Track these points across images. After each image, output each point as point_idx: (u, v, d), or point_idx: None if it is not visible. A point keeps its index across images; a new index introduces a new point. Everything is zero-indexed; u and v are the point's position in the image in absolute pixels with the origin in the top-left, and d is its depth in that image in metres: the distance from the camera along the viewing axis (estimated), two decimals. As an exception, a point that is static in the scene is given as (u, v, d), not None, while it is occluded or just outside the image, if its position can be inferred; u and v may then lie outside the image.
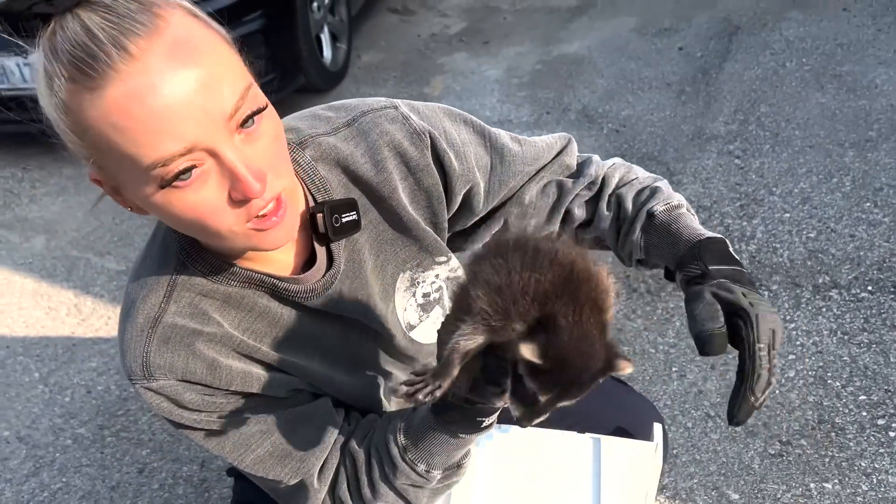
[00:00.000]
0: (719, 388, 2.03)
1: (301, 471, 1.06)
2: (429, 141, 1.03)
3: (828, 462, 1.80)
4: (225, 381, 0.99)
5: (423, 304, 1.14)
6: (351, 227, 1.01)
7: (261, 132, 0.83)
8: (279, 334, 1.04)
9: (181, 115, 0.76)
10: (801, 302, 2.27)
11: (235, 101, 0.79)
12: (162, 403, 0.98)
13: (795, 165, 2.89)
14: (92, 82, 0.74)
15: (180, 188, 0.80)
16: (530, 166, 1.12)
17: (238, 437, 1.04)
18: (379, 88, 4.00)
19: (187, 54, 0.77)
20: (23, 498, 2.07)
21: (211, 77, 0.78)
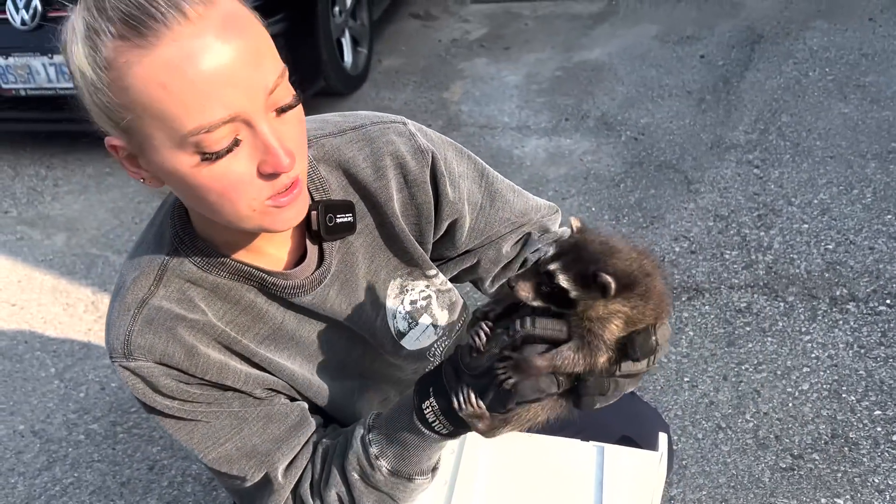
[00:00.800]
0: (731, 400, 2.01)
1: (265, 465, 1.05)
2: (430, 160, 1.05)
3: (840, 477, 1.77)
4: (201, 369, 0.99)
5: (411, 312, 1.15)
6: (345, 229, 1.02)
7: (290, 115, 0.86)
8: (262, 330, 1.04)
9: (230, 82, 0.78)
10: (817, 314, 2.24)
11: (275, 78, 0.82)
12: (137, 384, 0.98)
13: (816, 176, 2.85)
14: (143, 40, 0.76)
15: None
16: (517, 218, 1.17)
17: (207, 429, 1.03)
18: (399, 93, 4.02)
19: (239, 26, 0.79)
20: (35, 492, 2.10)
21: (258, 51, 0.81)
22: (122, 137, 0.84)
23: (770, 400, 1.99)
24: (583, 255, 0.80)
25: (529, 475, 1.19)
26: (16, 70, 3.41)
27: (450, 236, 1.14)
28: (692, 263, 2.53)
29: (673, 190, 2.92)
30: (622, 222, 2.79)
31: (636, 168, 3.09)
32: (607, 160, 3.18)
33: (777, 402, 1.98)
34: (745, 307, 2.31)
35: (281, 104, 0.84)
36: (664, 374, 2.12)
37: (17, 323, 2.75)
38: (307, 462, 1.09)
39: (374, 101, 3.96)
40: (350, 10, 4.00)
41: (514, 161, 3.29)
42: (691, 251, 2.58)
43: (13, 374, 2.52)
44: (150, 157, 0.84)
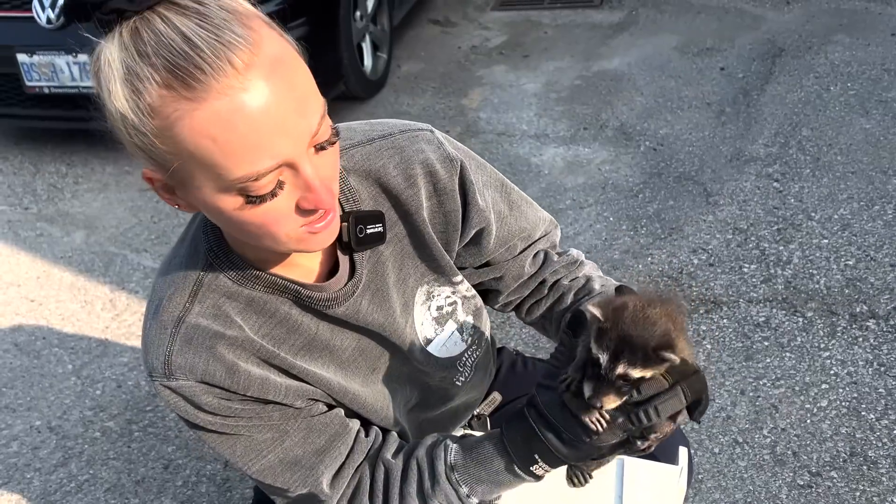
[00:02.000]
0: (748, 415, 1.99)
1: (309, 480, 1.06)
2: (458, 168, 1.06)
3: (859, 496, 1.75)
4: (243, 385, 0.99)
5: (438, 318, 1.16)
6: (376, 239, 1.02)
7: (329, 149, 0.86)
8: (297, 341, 1.05)
9: (279, 131, 0.78)
10: (836, 330, 2.22)
11: (318, 119, 0.82)
12: (179, 403, 0.99)
13: (836, 191, 2.84)
14: (192, 93, 0.75)
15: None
16: (531, 229, 1.19)
17: (249, 442, 1.04)
18: (417, 98, 4.03)
19: (284, 71, 0.78)
20: (50, 487, 2.11)
21: (303, 94, 0.80)
22: (161, 172, 0.83)
23: (788, 416, 1.98)
24: (633, 340, 0.88)
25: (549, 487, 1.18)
26: (40, 68, 3.45)
27: (477, 245, 1.14)
28: (710, 276, 2.51)
29: (692, 202, 2.91)
30: (640, 233, 2.79)
31: (655, 179, 3.09)
32: (626, 170, 3.17)
33: (795, 419, 1.97)
34: (763, 321, 2.30)
35: (321, 141, 0.84)
36: (681, 387, 2.11)
37: (35, 319, 2.77)
38: (354, 471, 1.10)
39: (392, 106, 3.98)
40: (371, 15, 4.01)
41: (532, 169, 3.29)
42: (710, 264, 2.57)
43: (31, 370, 2.54)
44: (191, 194, 0.84)
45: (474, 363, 1.24)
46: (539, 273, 1.21)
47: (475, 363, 1.24)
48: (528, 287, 1.22)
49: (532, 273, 1.21)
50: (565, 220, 2.92)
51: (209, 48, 0.74)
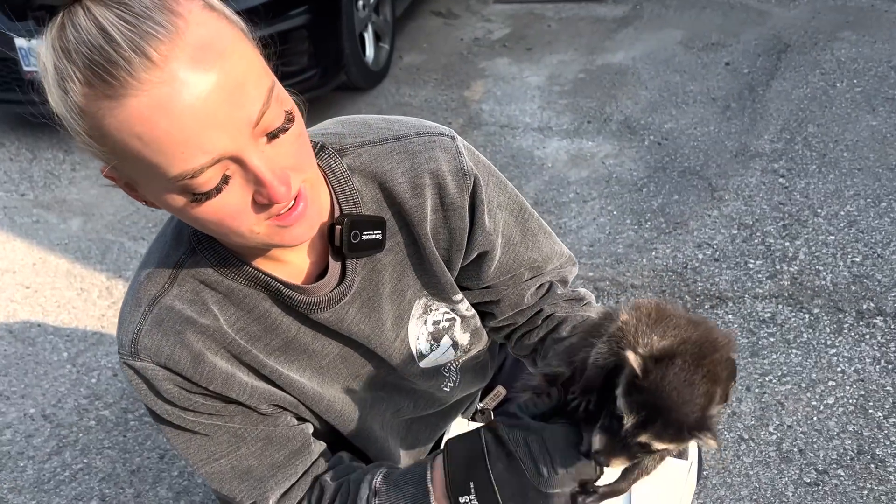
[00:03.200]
0: (754, 411, 1.97)
1: (255, 493, 1.03)
2: (471, 184, 0.99)
3: (866, 495, 1.73)
4: (206, 377, 0.95)
5: (434, 333, 1.10)
6: (372, 246, 0.96)
7: (285, 136, 0.79)
8: (273, 341, 1.00)
9: (207, 125, 0.72)
10: (843, 327, 2.19)
11: (260, 106, 0.75)
12: (140, 386, 0.96)
13: (842, 187, 2.81)
14: (111, 90, 0.70)
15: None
16: (542, 262, 1.11)
17: (204, 442, 1.00)
18: (419, 90, 3.99)
19: (210, 59, 0.72)
20: (44, 476, 2.07)
21: (236, 83, 0.73)
22: (113, 172, 0.79)
23: (794, 413, 1.95)
24: (669, 413, 0.74)
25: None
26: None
27: (476, 267, 1.07)
28: (715, 271, 2.49)
29: (696, 196, 2.88)
30: (644, 227, 2.76)
31: (659, 173, 3.05)
32: (630, 164, 3.14)
33: (801, 416, 1.94)
34: (769, 317, 2.27)
35: (272, 129, 0.77)
36: (686, 383, 2.08)
37: (30, 306, 2.73)
38: (303, 496, 1.06)
39: (394, 98, 3.94)
40: (374, 5, 3.97)
41: (535, 162, 3.26)
42: (715, 259, 2.54)
43: (25, 357, 2.50)
44: (143, 191, 0.81)
45: (458, 367, 1.19)
46: (538, 304, 1.14)
47: (459, 367, 1.19)
48: (524, 316, 1.14)
49: (531, 304, 1.13)
50: (569, 214, 2.89)
51: (125, 41, 0.69)
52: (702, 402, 0.74)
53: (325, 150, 0.96)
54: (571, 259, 1.18)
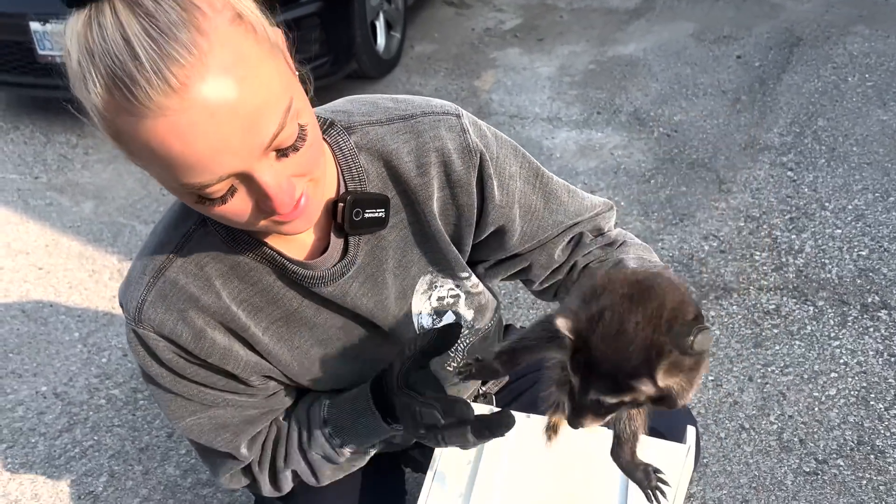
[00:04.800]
0: (755, 401, 1.98)
1: (231, 444, 1.11)
2: (478, 161, 1.00)
3: (864, 485, 1.74)
4: (206, 352, 1.01)
5: (437, 308, 1.12)
6: (374, 224, 0.98)
7: (296, 154, 0.81)
8: (275, 312, 1.03)
9: (220, 151, 0.74)
10: (847, 320, 2.20)
11: (275, 129, 0.76)
12: (139, 349, 1.01)
13: (851, 182, 2.81)
14: (130, 107, 0.71)
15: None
16: (570, 220, 1.12)
17: (188, 402, 1.07)
18: (430, 79, 4.00)
19: (230, 87, 0.72)
20: (55, 452, 2.11)
21: (254, 108, 0.74)
22: None
23: (796, 403, 1.96)
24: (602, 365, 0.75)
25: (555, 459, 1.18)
26: (53, 37, 3.43)
27: (499, 240, 1.09)
28: (721, 263, 2.50)
29: (704, 188, 2.89)
30: (651, 218, 2.77)
31: (667, 165, 3.06)
32: (638, 155, 3.15)
33: (803, 406, 1.95)
34: (773, 309, 2.28)
35: (283, 147, 0.79)
36: (688, 372, 2.09)
37: (43, 286, 2.77)
38: (265, 436, 1.15)
39: (404, 87, 3.95)
40: (386, -7, 3.99)
41: (544, 152, 3.27)
42: (721, 250, 2.55)
43: (37, 337, 2.54)
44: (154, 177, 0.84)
45: (465, 349, 1.21)
46: (571, 257, 1.15)
47: (466, 349, 1.21)
48: (561, 272, 1.16)
49: (563, 259, 1.15)
50: (576, 204, 2.90)
51: (148, 60, 0.69)
52: (636, 349, 0.73)
53: (333, 126, 0.98)
54: (607, 205, 1.18)
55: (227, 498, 1.91)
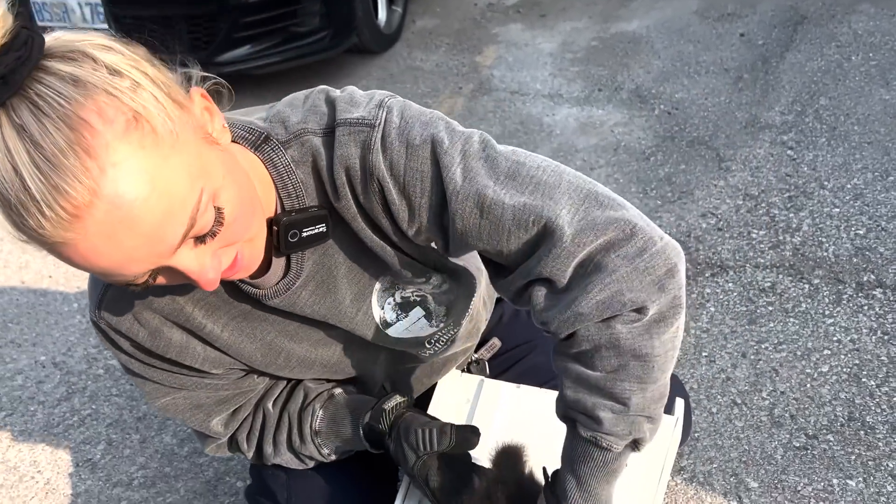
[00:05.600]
0: (748, 377, 1.99)
1: (206, 424, 1.16)
2: (377, 188, 0.89)
3: (854, 460, 1.75)
4: (163, 348, 1.04)
5: (402, 304, 1.09)
6: (315, 240, 0.94)
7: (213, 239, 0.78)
8: (233, 310, 1.04)
9: (125, 264, 0.72)
10: (842, 298, 2.21)
11: (184, 230, 0.73)
12: (103, 340, 1.06)
13: (851, 161, 2.80)
14: (28, 231, 0.69)
15: None
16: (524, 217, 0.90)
17: (159, 386, 1.11)
18: (431, 54, 3.98)
19: (125, 207, 0.67)
20: (53, 420, 2.14)
21: (155, 224, 0.70)
22: None
23: (788, 380, 1.97)
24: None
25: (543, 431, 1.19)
26: (52, 8, 3.42)
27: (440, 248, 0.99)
28: (718, 241, 2.50)
29: (704, 166, 2.88)
30: (650, 195, 2.76)
31: (667, 142, 3.05)
32: (639, 133, 3.14)
33: (795, 383, 1.96)
34: (769, 287, 2.28)
35: (200, 235, 0.75)
36: (682, 348, 2.10)
37: (42, 257, 2.78)
38: (246, 417, 1.20)
39: (405, 62, 3.93)
40: (387, -34, 3.95)
41: (544, 129, 3.26)
42: (718, 228, 2.55)
43: (37, 307, 2.56)
44: None
45: (449, 339, 1.19)
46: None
47: (450, 339, 1.19)
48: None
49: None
50: (575, 181, 2.89)
51: (39, 193, 0.65)
52: None
53: (268, 142, 0.91)
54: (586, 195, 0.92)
55: (222, 466, 1.94)
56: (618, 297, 0.84)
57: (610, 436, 0.93)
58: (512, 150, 0.91)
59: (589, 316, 0.86)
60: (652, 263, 0.84)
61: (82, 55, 0.69)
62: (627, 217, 0.85)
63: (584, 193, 0.87)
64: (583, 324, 0.87)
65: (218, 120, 0.81)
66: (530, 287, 0.90)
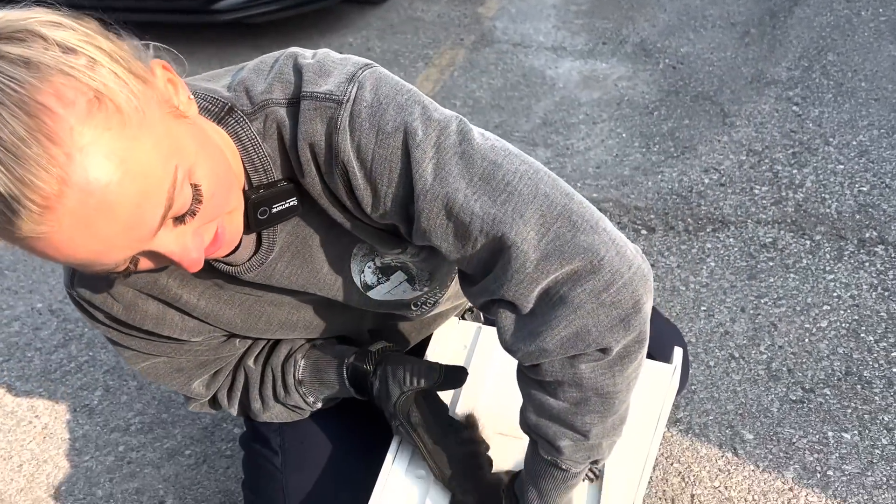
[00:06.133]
0: (746, 331, 1.99)
1: (186, 387, 1.16)
2: (342, 170, 0.84)
3: (850, 413, 1.76)
4: (139, 321, 1.02)
5: (382, 268, 1.06)
6: (287, 213, 0.89)
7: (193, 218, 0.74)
8: (208, 281, 1.02)
9: (102, 254, 0.68)
10: (843, 254, 2.19)
11: (162, 211, 0.69)
12: (79, 310, 1.04)
13: (857, 117, 2.76)
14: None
15: None
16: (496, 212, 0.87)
17: (138, 353, 1.10)
18: (432, 4, 3.90)
19: (98, 192, 0.63)
20: (50, 366, 2.14)
21: (132, 207, 0.66)
22: None
23: (787, 334, 1.97)
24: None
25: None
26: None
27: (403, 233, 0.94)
28: (720, 196, 2.47)
29: (708, 121, 2.84)
30: (652, 150, 2.73)
31: (672, 97, 3.01)
32: (643, 87, 3.09)
33: (793, 337, 1.96)
34: (770, 242, 2.27)
35: (178, 216, 0.71)
36: (680, 301, 2.10)
37: (38, 205, 2.76)
38: (227, 376, 1.20)
39: (406, 12, 3.86)
40: (389, -87, 3.85)
41: (547, 82, 3.21)
42: (721, 184, 2.53)
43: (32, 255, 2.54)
44: None
45: (435, 301, 1.17)
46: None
47: (436, 301, 1.17)
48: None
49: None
50: (577, 135, 2.86)
51: (4, 188, 0.61)
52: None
53: (232, 114, 0.85)
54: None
55: (219, 414, 1.94)
56: (583, 335, 0.82)
57: (569, 461, 0.96)
58: (490, 147, 0.84)
59: (553, 353, 0.84)
60: (618, 298, 0.81)
61: (30, 34, 0.64)
62: (597, 245, 0.81)
63: (557, 211, 0.81)
64: (547, 359, 0.86)
65: (183, 92, 0.76)
66: (495, 307, 0.88)
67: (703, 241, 2.30)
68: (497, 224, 0.81)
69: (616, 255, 0.81)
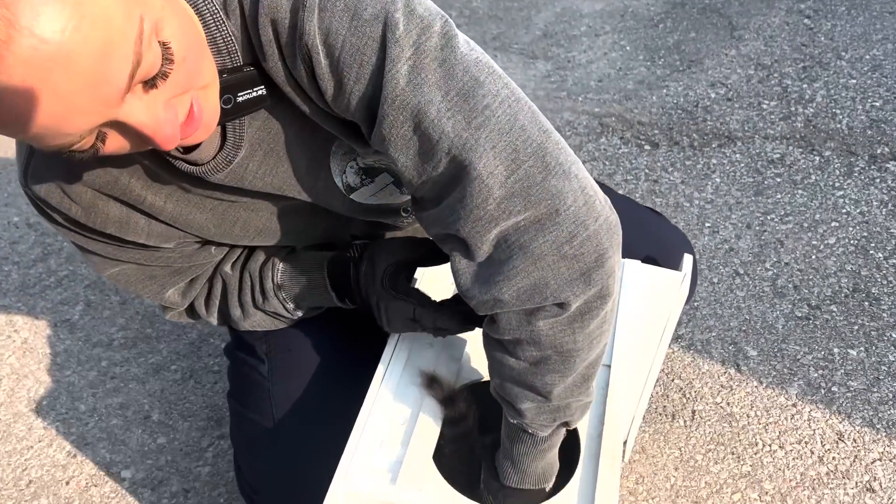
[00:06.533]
0: (752, 248, 1.92)
1: (159, 295, 1.07)
2: (305, 55, 0.75)
3: (856, 330, 1.71)
4: (101, 224, 0.92)
5: (366, 169, 0.97)
6: (254, 103, 0.80)
7: (165, 81, 0.66)
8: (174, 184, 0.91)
9: (69, 117, 0.60)
10: (853, 170, 2.11)
11: (129, 68, 0.61)
12: (35, 209, 0.94)
13: (871, 31, 2.64)
14: None
15: None
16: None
17: (104, 257, 1.00)
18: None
19: (55, 40, 0.55)
20: (30, 280, 2.06)
21: (94, 59, 0.58)
22: None
23: (793, 251, 1.90)
24: None
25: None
26: None
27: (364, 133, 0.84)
28: (727, 111, 2.37)
29: (715, 35, 2.72)
30: (657, 64, 2.61)
31: (678, 9, 2.86)
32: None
33: (800, 254, 1.90)
34: (778, 158, 2.18)
35: (148, 78, 0.64)
36: (684, 218, 2.02)
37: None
38: (206, 281, 1.12)
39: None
40: None
41: (547, -8, 3.05)
42: (727, 98, 2.42)
43: (7, 167, 2.43)
44: None
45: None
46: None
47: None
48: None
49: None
50: (579, 48, 2.73)
51: None
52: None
53: None
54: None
55: (206, 328, 1.88)
56: (540, 288, 0.77)
57: (535, 424, 0.91)
58: (475, 60, 0.75)
59: (509, 304, 0.80)
60: (581, 251, 0.76)
61: None
62: (565, 192, 0.75)
63: (532, 149, 0.75)
64: (503, 309, 0.81)
65: None
66: (448, 244, 0.83)
67: (708, 157, 2.21)
68: (466, 150, 0.74)
69: (584, 206, 0.76)
